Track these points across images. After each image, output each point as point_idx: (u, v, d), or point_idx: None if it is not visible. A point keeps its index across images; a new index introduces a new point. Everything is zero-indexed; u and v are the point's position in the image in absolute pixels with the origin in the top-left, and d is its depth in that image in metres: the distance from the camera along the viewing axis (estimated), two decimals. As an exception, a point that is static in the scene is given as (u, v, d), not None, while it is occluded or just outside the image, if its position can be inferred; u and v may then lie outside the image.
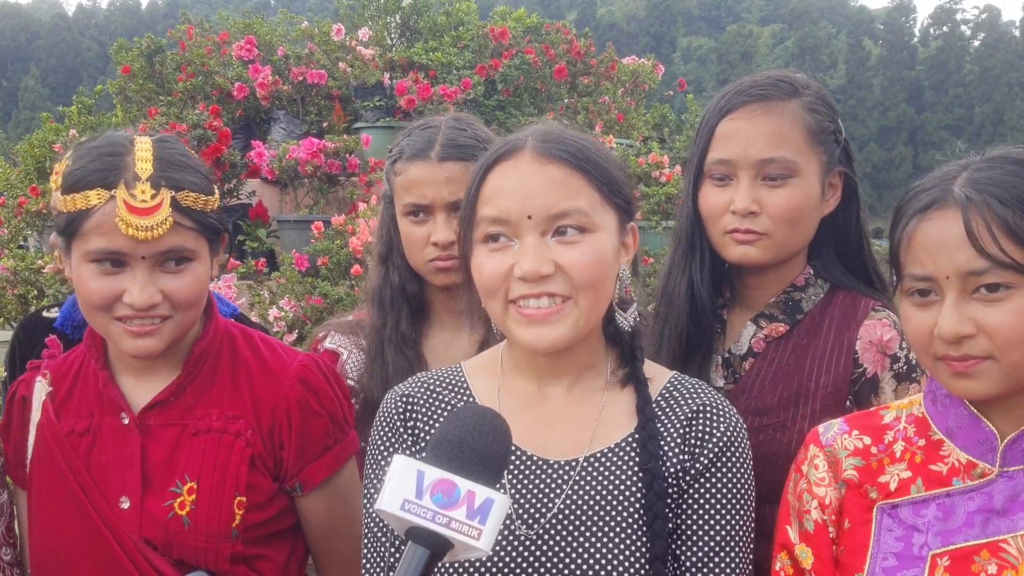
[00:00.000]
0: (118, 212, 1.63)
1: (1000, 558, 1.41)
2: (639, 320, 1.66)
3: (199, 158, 1.82)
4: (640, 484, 1.51)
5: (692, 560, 1.50)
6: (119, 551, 1.71)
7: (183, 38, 9.31)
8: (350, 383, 2.16)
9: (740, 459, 1.55)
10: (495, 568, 1.48)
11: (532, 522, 1.51)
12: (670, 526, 1.50)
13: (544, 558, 1.48)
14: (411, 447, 1.59)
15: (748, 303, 2.01)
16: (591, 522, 1.49)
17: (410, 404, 1.62)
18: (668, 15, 75.01)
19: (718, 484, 1.53)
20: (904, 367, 1.85)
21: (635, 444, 1.54)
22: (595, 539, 1.48)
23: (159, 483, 1.74)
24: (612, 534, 1.48)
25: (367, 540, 1.59)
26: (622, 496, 1.51)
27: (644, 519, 1.49)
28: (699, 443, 1.54)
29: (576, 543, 1.48)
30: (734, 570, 1.51)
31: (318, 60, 8.51)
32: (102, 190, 1.65)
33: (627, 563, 1.46)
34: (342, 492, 1.87)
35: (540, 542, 1.49)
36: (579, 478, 1.53)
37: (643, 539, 1.48)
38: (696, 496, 1.52)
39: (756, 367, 1.95)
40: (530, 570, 1.48)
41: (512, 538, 1.49)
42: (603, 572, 1.46)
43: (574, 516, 1.50)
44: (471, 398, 1.62)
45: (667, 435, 1.55)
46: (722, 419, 1.56)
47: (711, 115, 1.93)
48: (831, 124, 1.92)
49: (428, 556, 1.20)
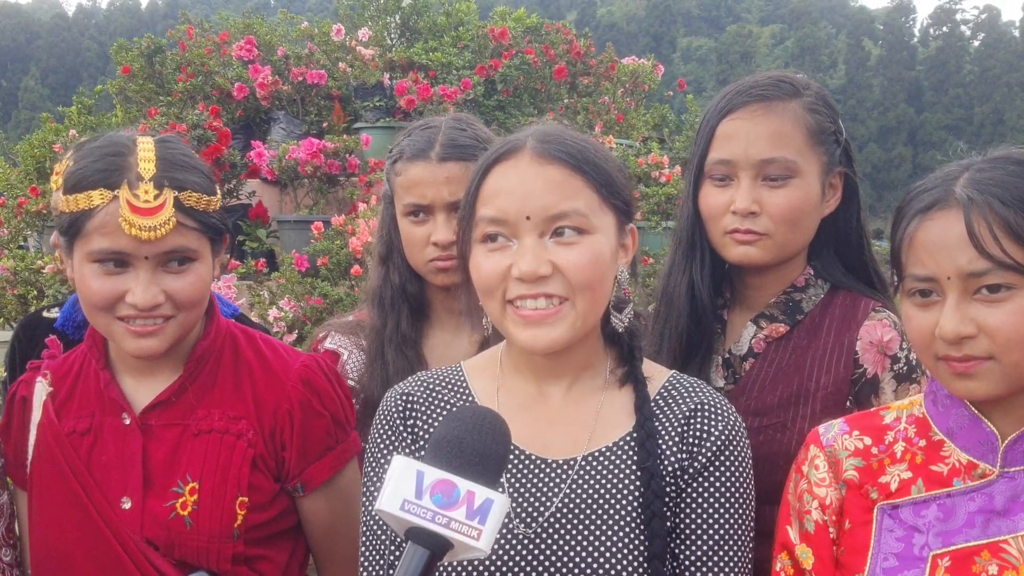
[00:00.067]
0: (121, 212, 1.63)
1: (1001, 559, 1.41)
2: (639, 320, 1.66)
3: (200, 158, 1.82)
4: (638, 483, 1.51)
5: (691, 559, 1.50)
6: (120, 551, 1.71)
7: (183, 38, 9.31)
8: (350, 383, 2.16)
9: (738, 458, 1.55)
10: (494, 567, 1.48)
11: (530, 520, 1.51)
12: (668, 525, 1.50)
13: (542, 556, 1.48)
14: (411, 446, 1.59)
15: (748, 303, 2.01)
16: (589, 521, 1.49)
17: (410, 403, 1.62)
18: (668, 15, 74.97)
19: (716, 483, 1.52)
20: (904, 368, 1.85)
21: (633, 443, 1.55)
22: (593, 538, 1.48)
23: (161, 483, 1.74)
24: (610, 532, 1.48)
25: (365, 539, 1.59)
26: (620, 495, 1.51)
27: (642, 518, 1.49)
28: (697, 442, 1.54)
29: (574, 541, 1.48)
30: (733, 568, 1.51)
31: (318, 60, 8.51)
32: (105, 190, 1.64)
33: (625, 561, 1.46)
34: (343, 493, 1.87)
35: (538, 540, 1.49)
36: (577, 477, 1.53)
37: (641, 537, 1.48)
38: (694, 495, 1.52)
39: (756, 367, 1.94)
40: (528, 568, 1.48)
41: (511, 536, 1.50)
42: (601, 570, 1.46)
43: (572, 515, 1.50)
44: (471, 397, 1.62)
45: (665, 434, 1.55)
46: (720, 417, 1.56)
47: (711, 115, 1.93)
48: (831, 124, 1.92)
49: (428, 556, 1.20)
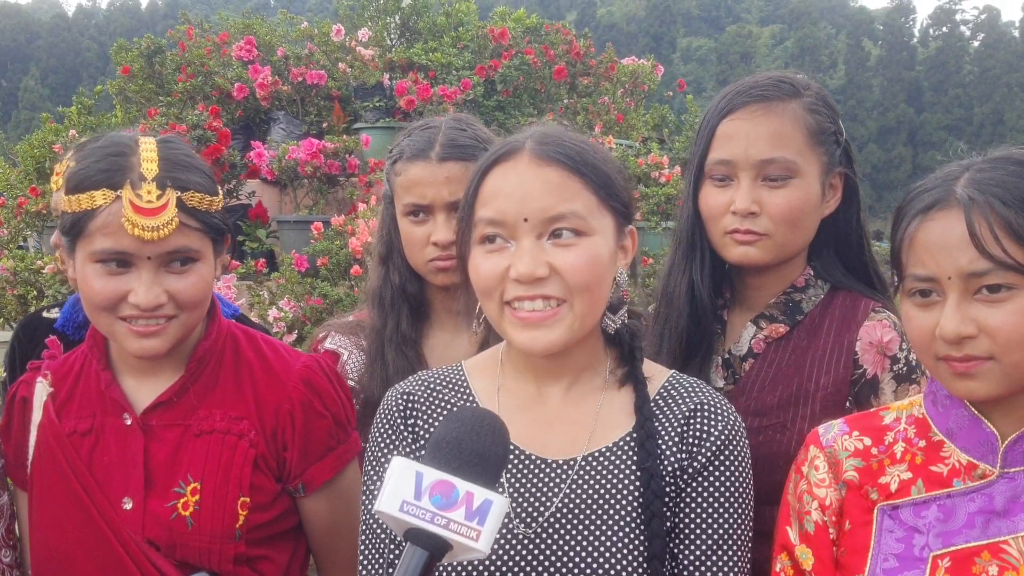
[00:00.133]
0: (124, 212, 1.63)
1: (1001, 559, 1.41)
2: (640, 320, 1.66)
3: (202, 159, 1.82)
4: (638, 483, 1.51)
5: (690, 558, 1.50)
6: (121, 552, 1.70)
7: (183, 38, 9.32)
8: (350, 383, 2.16)
9: (738, 457, 1.55)
10: (493, 566, 1.48)
11: (530, 520, 1.51)
12: (667, 525, 1.50)
13: (542, 556, 1.48)
14: (411, 445, 1.59)
15: (748, 304, 2.01)
16: (589, 521, 1.49)
17: (410, 402, 1.62)
18: (668, 15, 75.00)
19: (716, 483, 1.52)
20: (904, 368, 1.85)
21: (633, 443, 1.55)
22: (593, 538, 1.48)
23: (162, 484, 1.74)
24: (610, 532, 1.48)
25: (365, 538, 1.59)
26: (620, 495, 1.51)
27: (642, 518, 1.49)
28: (696, 441, 1.54)
29: (574, 541, 1.48)
30: (732, 568, 1.51)
31: (318, 61, 8.51)
32: (108, 190, 1.64)
33: (625, 561, 1.46)
34: (345, 493, 1.87)
35: (538, 540, 1.49)
36: (577, 477, 1.53)
37: (641, 538, 1.48)
38: (694, 494, 1.52)
39: (756, 368, 1.94)
40: (528, 568, 1.48)
41: (511, 536, 1.50)
42: (601, 570, 1.46)
43: (572, 515, 1.50)
44: (471, 397, 1.62)
45: (665, 434, 1.55)
46: (720, 417, 1.56)
47: (712, 115, 1.93)
48: (832, 125, 1.92)
49: (427, 557, 1.20)
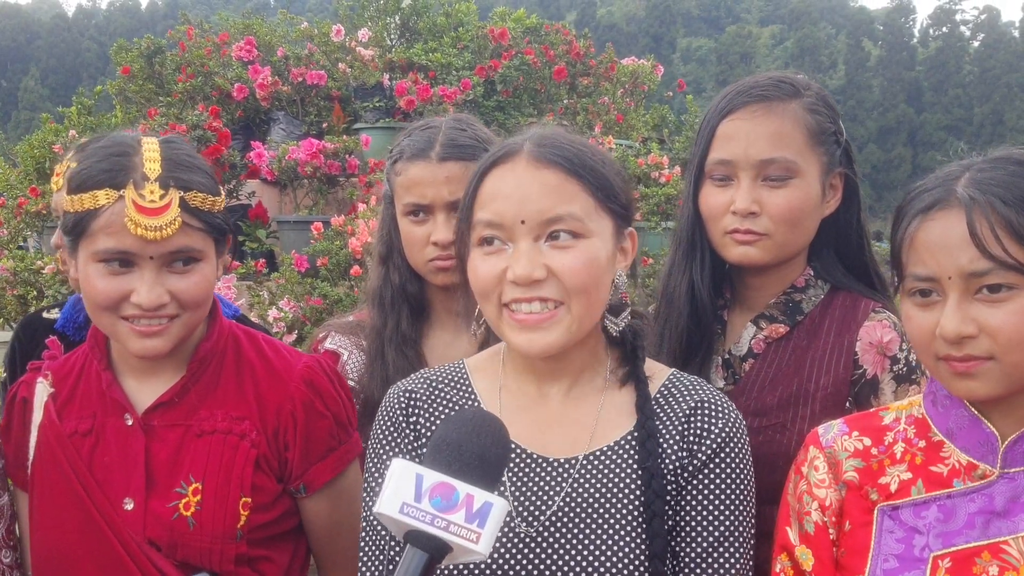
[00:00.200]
0: (127, 212, 1.63)
1: (1001, 559, 1.41)
2: (643, 320, 1.66)
3: (204, 159, 1.82)
4: (639, 482, 1.51)
5: (692, 555, 1.50)
6: (122, 552, 1.70)
7: (183, 39, 9.32)
8: (350, 383, 2.16)
9: (739, 454, 1.55)
10: (495, 565, 1.48)
11: (532, 519, 1.51)
12: (668, 524, 1.50)
13: (544, 555, 1.48)
14: (413, 442, 1.59)
15: (748, 304, 2.01)
16: (590, 520, 1.50)
17: (413, 399, 1.62)
18: (668, 16, 75.00)
19: (716, 480, 1.53)
20: (904, 368, 1.85)
21: (634, 442, 1.55)
22: (594, 537, 1.48)
23: (164, 484, 1.74)
24: (611, 531, 1.48)
25: (366, 535, 1.59)
26: (621, 494, 1.51)
27: (643, 517, 1.49)
28: (697, 439, 1.54)
29: (576, 540, 1.48)
30: (734, 564, 1.51)
31: (318, 61, 8.51)
32: (111, 190, 1.64)
33: (626, 560, 1.46)
34: (346, 494, 1.87)
35: (540, 539, 1.50)
36: (579, 476, 1.53)
37: (642, 537, 1.48)
38: (695, 492, 1.52)
39: (756, 368, 1.94)
40: (530, 567, 1.48)
41: (512, 535, 1.50)
42: (602, 569, 1.46)
43: (574, 514, 1.50)
44: (473, 396, 1.63)
45: (666, 432, 1.55)
46: (720, 414, 1.56)
47: (712, 115, 1.93)
48: (832, 125, 1.92)
49: (427, 560, 1.20)
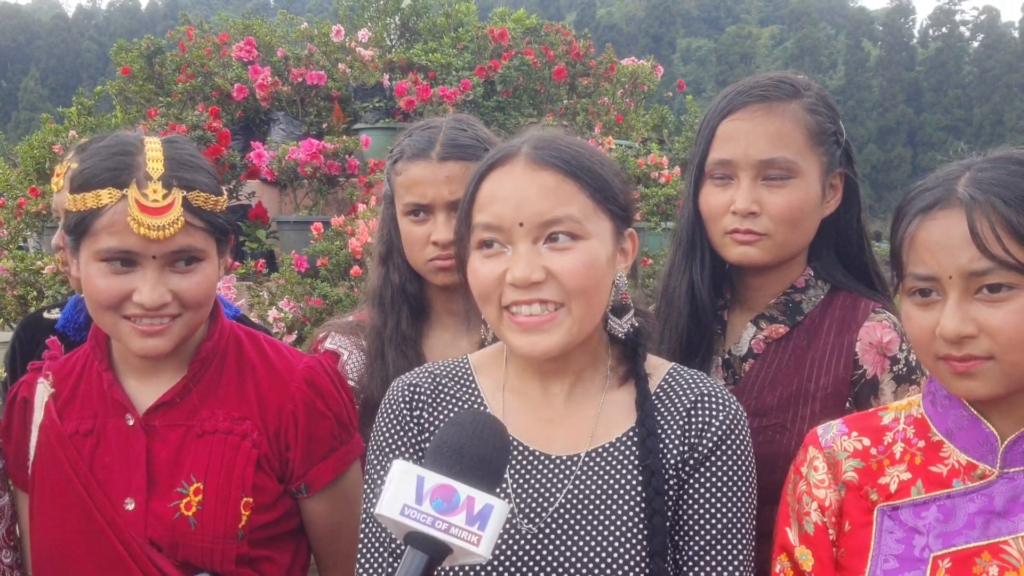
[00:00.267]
0: (130, 211, 1.63)
1: (1001, 559, 1.41)
2: (646, 319, 1.66)
3: (206, 159, 1.82)
4: (640, 479, 1.52)
5: (694, 548, 1.51)
6: (123, 552, 1.70)
7: (183, 39, 9.32)
8: (350, 383, 2.16)
9: (740, 447, 1.55)
10: (497, 563, 1.49)
11: (534, 516, 1.51)
12: (669, 522, 1.51)
13: (546, 552, 1.49)
14: (417, 436, 1.59)
15: (748, 304, 2.01)
16: (592, 517, 1.50)
17: (417, 393, 1.62)
18: (667, 16, 75.00)
19: (718, 472, 1.53)
20: (904, 369, 1.85)
21: (635, 439, 1.55)
22: (596, 534, 1.49)
23: (165, 484, 1.74)
24: (613, 528, 1.49)
25: (366, 533, 1.59)
26: (623, 491, 1.51)
27: (644, 514, 1.49)
28: (698, 432, 1.54)
29: (577, 538, 1.49)
30: (736, 556, 1.51)
31: (317, 61, 8.51)
32: (113, 189, 1.64)
33: (627, 557, 1.47)
34: (347, 494, 1.87)
35: (542, 536, 1.50)
36: (580, 473, 1.54)
37: (644, 533, 1.48)
38: (697, 485, 1.53)
39: (756, 368, 1.94)
40: (532, 564, 1.48)
41: (515, 532, 1.50)
42: (604, 566, 1.46)
43: (575, 511, 1.51)
44: (477, 393, 1.63)
45: (667, 427, 1.56)
46: (722, 407, 1.57)
47: (712, 116, 1.93)
48: (832, 125, 1.92)
49: (427, 561, 1.20)
